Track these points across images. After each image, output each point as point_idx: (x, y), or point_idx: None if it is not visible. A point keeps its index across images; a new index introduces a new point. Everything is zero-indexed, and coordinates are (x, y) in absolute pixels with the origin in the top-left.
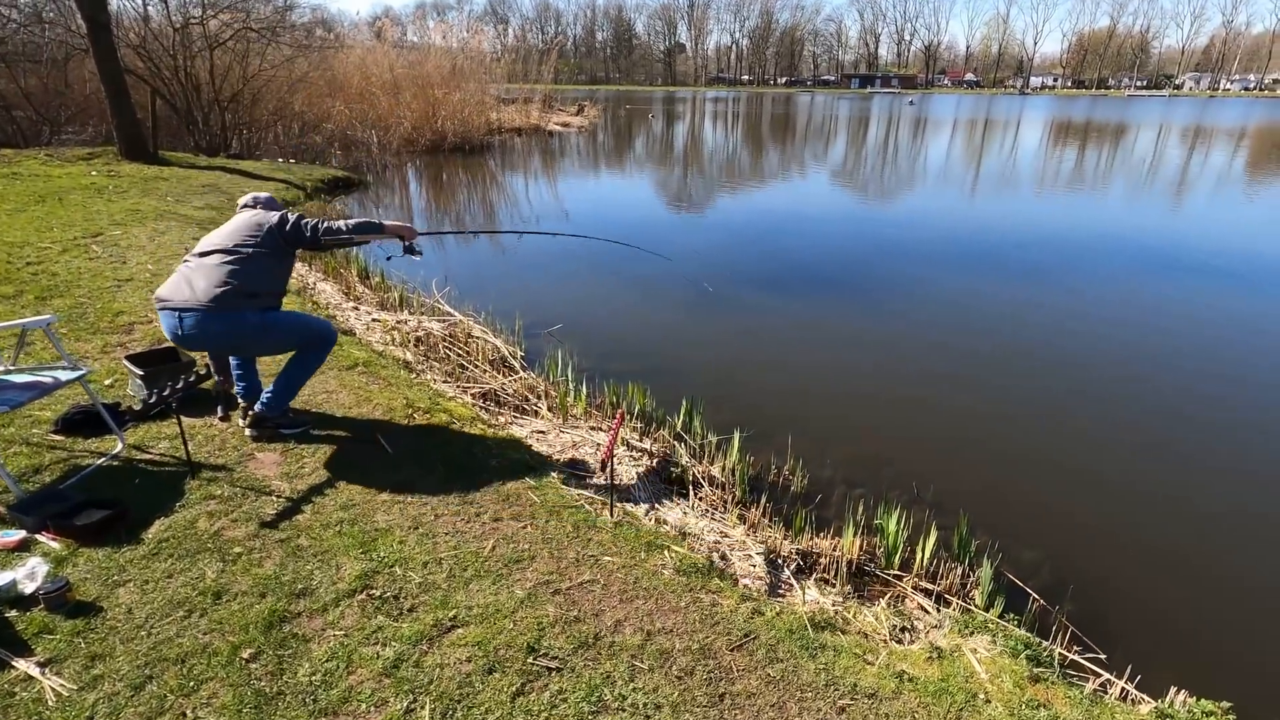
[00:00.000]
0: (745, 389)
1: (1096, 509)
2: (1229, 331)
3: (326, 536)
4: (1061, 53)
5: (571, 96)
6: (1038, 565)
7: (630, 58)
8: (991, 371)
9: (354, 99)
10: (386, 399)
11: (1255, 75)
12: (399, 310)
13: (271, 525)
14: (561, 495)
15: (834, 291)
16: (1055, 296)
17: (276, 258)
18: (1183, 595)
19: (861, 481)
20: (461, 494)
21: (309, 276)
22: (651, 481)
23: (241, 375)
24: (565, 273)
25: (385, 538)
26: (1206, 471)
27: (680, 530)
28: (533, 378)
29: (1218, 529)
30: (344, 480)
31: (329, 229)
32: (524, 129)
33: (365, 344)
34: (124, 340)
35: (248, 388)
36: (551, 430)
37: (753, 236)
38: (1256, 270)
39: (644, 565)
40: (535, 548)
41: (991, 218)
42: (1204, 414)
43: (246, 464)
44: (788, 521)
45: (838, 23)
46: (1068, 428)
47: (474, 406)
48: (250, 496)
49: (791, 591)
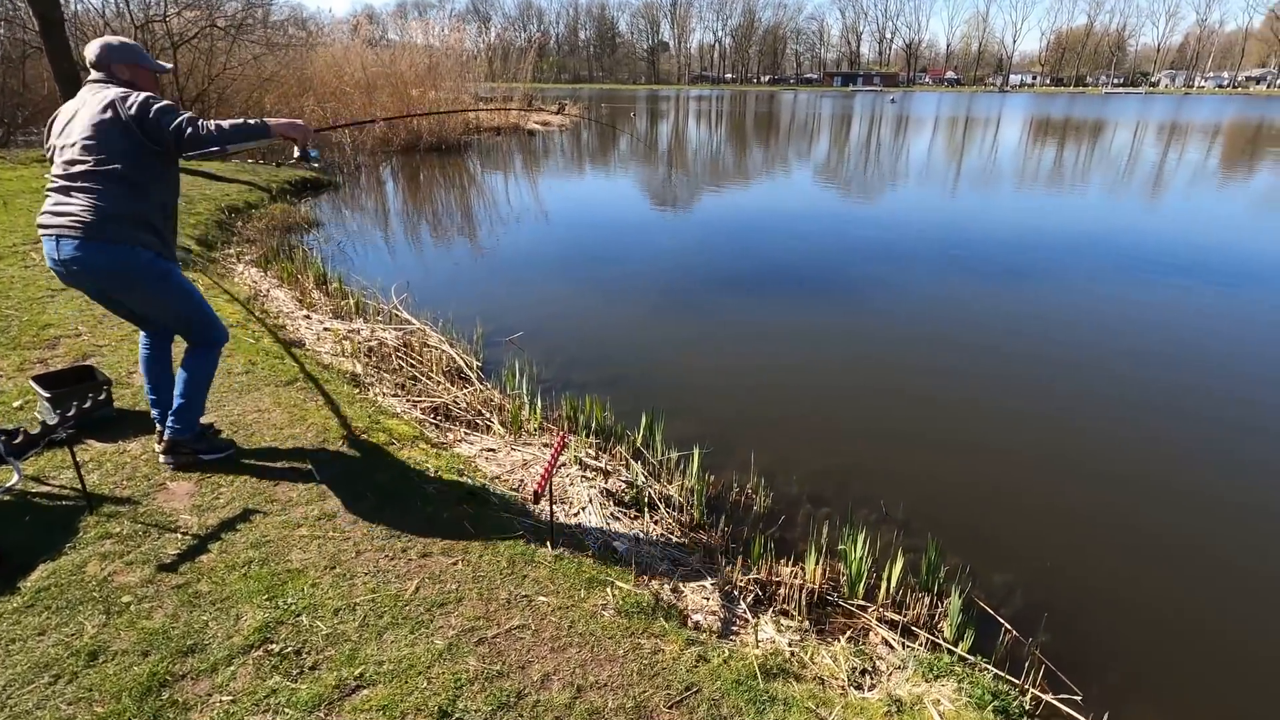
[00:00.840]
0: (710, 399)
1: (1072, 530)
2: (1212, 342)
3: (230, 580)
4: (1040, 51)
5: (553, 95)
6: (1010, 591)
7: (614, 56)
8: (963, 382)
9: (327, 98)
10: (323, 418)
11: (1229, 73)
12: (353, 318)
13: (170, 568)
14: (501, 524)
15: (808, 295)
16: (1033, 302)
17: (151, 167)
18: (1166, 625)
19: (827, 499)
20: (390, 526)
21: (262, 284)
22: (604, 504)
23: (156, 399)
24: (532, 275)
25: (296, 580)
26: (1191, 490)
27: (630, 559)
28: (488, 389)
29: (1204, 554)
30: (261, 513)
31: (195, 130)
32: (503, 128)
33: (313, 356)
34: (45, 357)
35: (163, 411)
36: (502, 448)
37: (729, 236)
38: (1242, 269)
39: (582, 605)
40: (464, 587)
41: (971, 217)
42: (1190, 429)
43: (155, 495)
44: (747, 547)
45: (820, 21)
46: (1043, 441)
47: (421, 423)
48: (152, 535)
49: (745, 629)
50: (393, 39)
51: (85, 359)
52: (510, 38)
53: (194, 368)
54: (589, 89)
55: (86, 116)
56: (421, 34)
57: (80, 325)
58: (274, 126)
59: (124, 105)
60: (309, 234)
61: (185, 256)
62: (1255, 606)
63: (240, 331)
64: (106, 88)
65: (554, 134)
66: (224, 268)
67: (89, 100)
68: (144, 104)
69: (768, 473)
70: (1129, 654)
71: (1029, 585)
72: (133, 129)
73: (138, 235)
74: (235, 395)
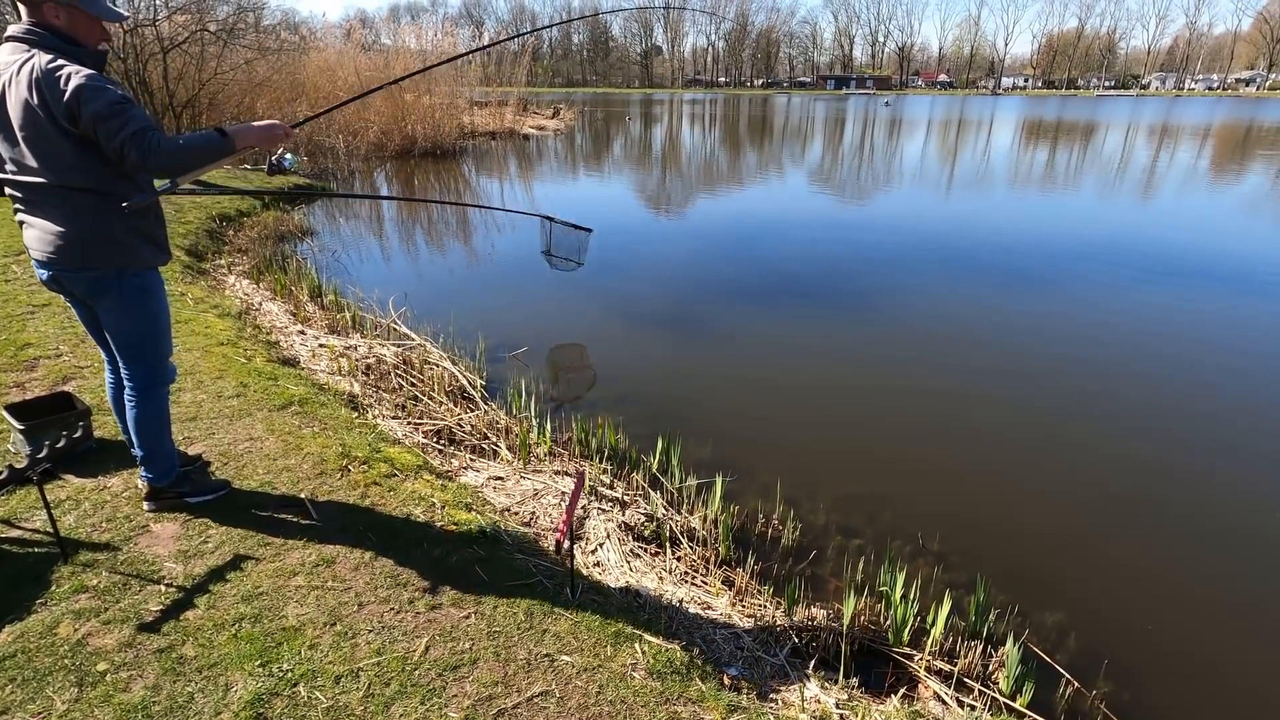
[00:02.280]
0: (725, 419)
1: (1127, 564)
2: (1251, 345)
3: (219, 642)
4: (1031, 54)
5: (548, 99)
6: (1063, 634)
7: (607, 60)
8: (990, 400)
9: (320, 102)
10: (320, 446)
11: (1218, 75)
12: (350, 333)
13: (152, 628)
14: (515, 568)
15: (818, 305)
16: (1060, 305)
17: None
18: (1236, 675)
19: (858, 530)
20: (394, 572)
21: (254, 296)
22: (623, 539)
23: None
24: (533, 286)
25: (293, 641)
26: (1267, 510)
27: (655, 604)
28: (494, 410)
29: (1268, 594)
30: (253, 559)
31: (142, 155)
32: (498, 133)
33: (308, 375)
34: (23, 380)
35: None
36: (511, 476)
37: (733, 245)
38: (1253, 274)
39: (610, 666)
40: (478, 646)
41: (981, 221)
42: (1250, 461)
43: (137, 540)
44: (779, 585)
45: (812, 25)
46: (1089, 467)
47: (424, 448)
48: (132, 587)
49: (788, 686)
50: (386, 43)
51: (65, 383)
52: (503, 42)
53: (143, 418)
54: (583, 92)
55: (17, 104)
56: (415, 38)
57: (61, 345)
58: (238, 136)
59: (53, 95)
60: (302, 243)
61: (175, 271)
62: None
63: (231, 350)
64: (30, 52)
65: (549, 138)
66: (215, 280)
67: (13, 73)
68: (77, 101)
69: (792, 500)
70: (1202, 706)
71: (1085, 628)
72: (72, 132)
73: (125, 254)
74: (226, 421)
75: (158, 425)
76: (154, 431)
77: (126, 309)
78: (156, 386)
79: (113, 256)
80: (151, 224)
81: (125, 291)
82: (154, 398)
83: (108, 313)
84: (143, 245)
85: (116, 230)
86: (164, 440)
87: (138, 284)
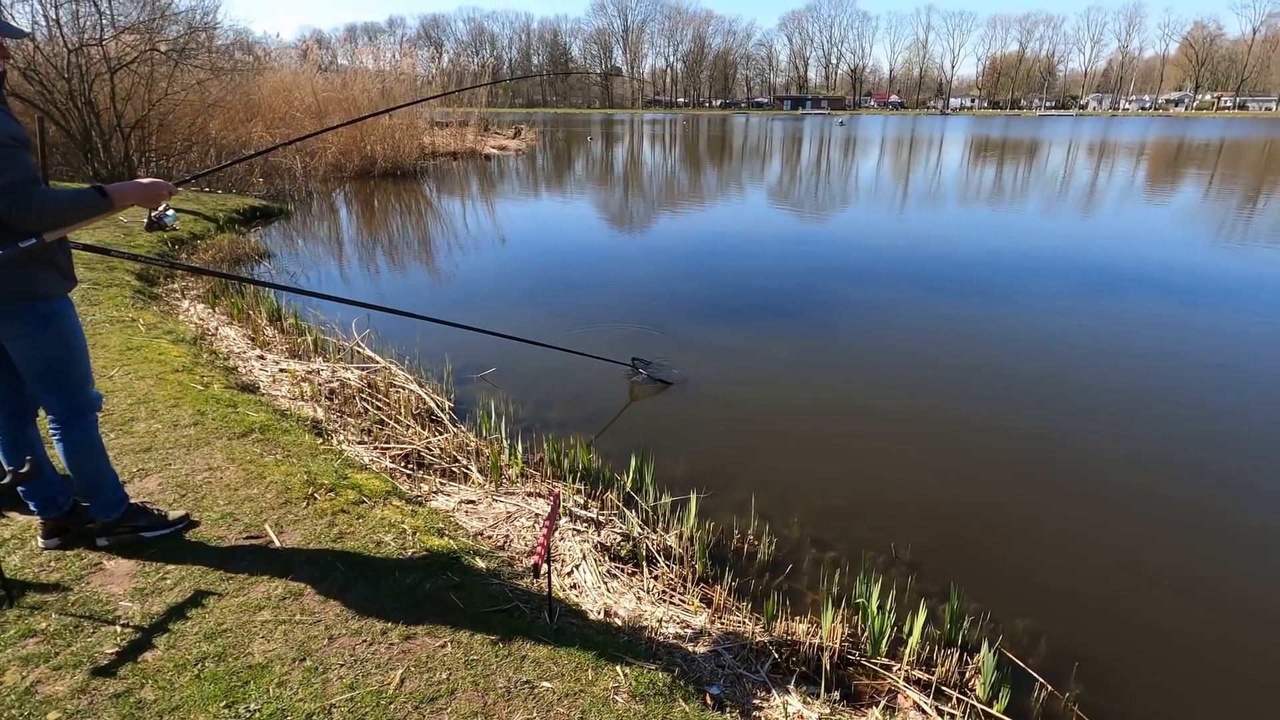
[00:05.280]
0: (699, 435)
1: (1091, 563)
2: (1226, 359)
3: (181, 684)
4: (977, 75)
5: (509, 119)
6: (1035, 637)
7: (567, 81)
8: (957, 409)
9: (276, 123)
10: (284, 474)
11: (1150, 96)
12: (312, 357)
13: (107, 671)
14: (491, 594)
15: (783, 321)
16: (1016, 317)
17: None
18: (1205, 666)
19: (832, 542)
20: (364, 603)
21: (210, 321)
22: (600, 560)
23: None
24: (497, 305)
25: (260, 679)
26: (1237, 528)
27: (634, 625)
28: (463, 432)
29: (1230, 585)
30: (216, 594)
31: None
32: (459, 153)
33: (269, 401)
34: None
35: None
36: (483, 499)
37: (696, 262)
38: (1192, 284)
39: (592, 690)
40: (456, 676)
41: (936, 237)
42: (1213, 455)
43: (90, 579)
44: (757, 601)
45: (768, 47)
46: (1052, 468)
47: (392, 473)
48: (85, 630)
49: (770, 701)
50: (343, 64)
51: None
52: (464, 63)
53: (73, 450)
54: (544, 113)
55: None
56: (372, 59)
57: None
58: (117, 195)
59: None
60: (260, 265)
61: (126, 297)
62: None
63: (187, 377)
64: None
65: (510, 158)
66: (168, 304)
67: None
68: None
69: (767, 515)
70: (1170, 705)
71: (1056, 631)
72: None
73: (27, 283)
74: (183, 451)
75: (90, 456)
76: (89, 463)
77: (34, 339)
78: (81, 414)
79: (13, 287)
80: (54, 251)
81: (31, 321)
82: (80, 426)
83: (16, 345)
84: (46, 273)
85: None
86: (103, 471)
87: (44, 311)
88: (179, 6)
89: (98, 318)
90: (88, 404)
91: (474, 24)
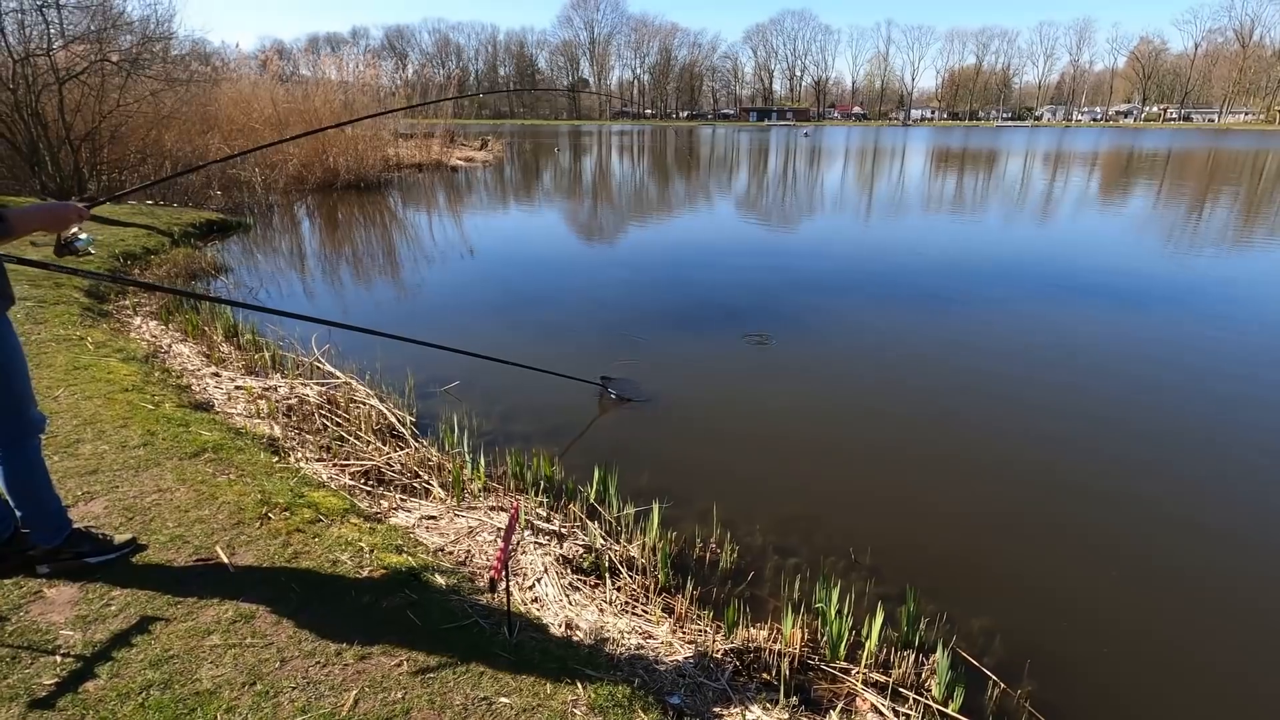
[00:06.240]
0: (662, 446)
1: (1048, 563)
2: (1183, 359)
3: (124, 713)
4: (937, 88)
5: (475, 131)
6: (989, 637)
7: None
8: (913, 415)
9: (233, 135)
10: (237, 494)
11: (1101, 107)
12: (270, 373)
13: (46, 704)
14: (450, 610)
15: (747, 330)
16: (974, 323)
17: None
18: (1149, 658)
19: (794, 549)
20: (319, 624)
21: (163, 339)
22: (562, 573)
23: None
24: (462, 319)
25: (208, 705)
26: (1174, 518)
27: (596, 637)
28: (425, 447)
29: (1188, 583)
30: (163, 620)
31: None
32: (425, 165)
33: (223, 420)
34: None
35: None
36: (444, 514)
37: (664, 273)
38: (1145, 289)
39: (550, 704)
40: (412, 695)
41: (900, 245)
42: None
43: (29, 608)
44: (719, 609)
45: (733, 60)
46: (1006, 470)
47: (351, 490)
48: (23, 660)
49: (729, 709)
50: (305, 74)
51: None
52: (429, 74)
53: (13, 475)
54: (511, 124)
55: None
56: (335, 70)
57: None
58: (19, 220)
59: None
60: (216, 280)
61: (74, 314)
62: (1239, 627)
63: (137, 396)
64: None
65: (477, 169)
66: (119, 321)
67: None
68: None
69: (729, 523)
70: (1117, 695)
71: (1008, 629)
72: None
73: None
74: (131, 473)
75: (31, 480)
76: (30, 488)
77: None
78: (23, 437)
79: None
80: None
81: None
82: (21, 450)
83: None
84: None
85: None
86: (45, 495)
87: None
88: (132, 15)
89: (43, 336)
90: (29, 426)
91: (439, 35)
